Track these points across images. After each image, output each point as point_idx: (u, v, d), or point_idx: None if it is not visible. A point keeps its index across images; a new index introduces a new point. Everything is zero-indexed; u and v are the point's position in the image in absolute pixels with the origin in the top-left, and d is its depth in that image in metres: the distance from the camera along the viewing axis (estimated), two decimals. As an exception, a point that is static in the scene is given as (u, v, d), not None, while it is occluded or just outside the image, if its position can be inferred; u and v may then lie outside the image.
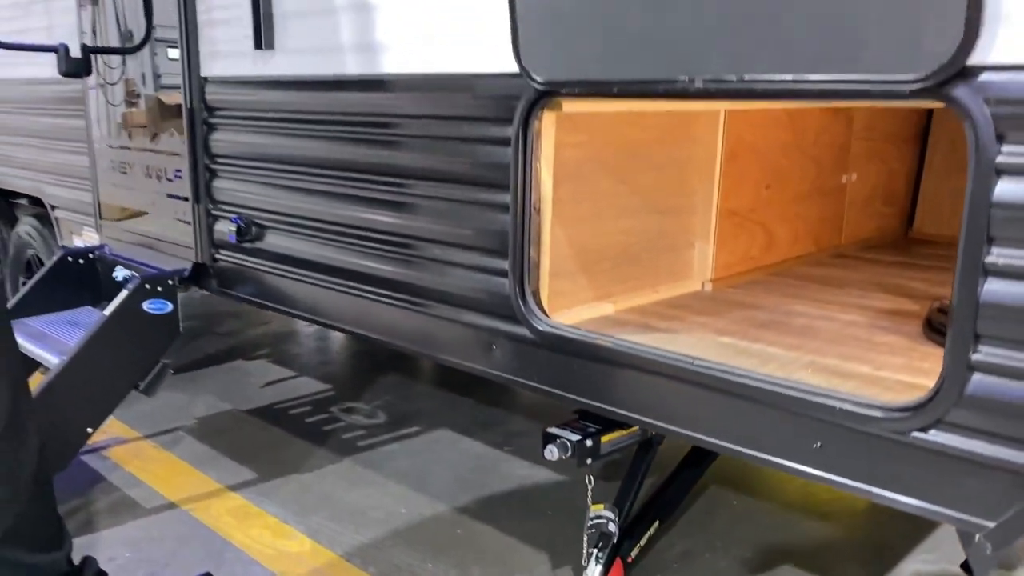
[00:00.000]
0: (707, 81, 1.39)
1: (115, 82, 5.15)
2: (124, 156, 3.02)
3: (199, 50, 2.50)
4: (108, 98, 4.80)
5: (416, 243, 2.00)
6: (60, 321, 2.89)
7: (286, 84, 2.25)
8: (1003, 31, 1.12)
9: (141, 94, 4.38)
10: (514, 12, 1.61)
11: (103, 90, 3.83)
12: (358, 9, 2.00)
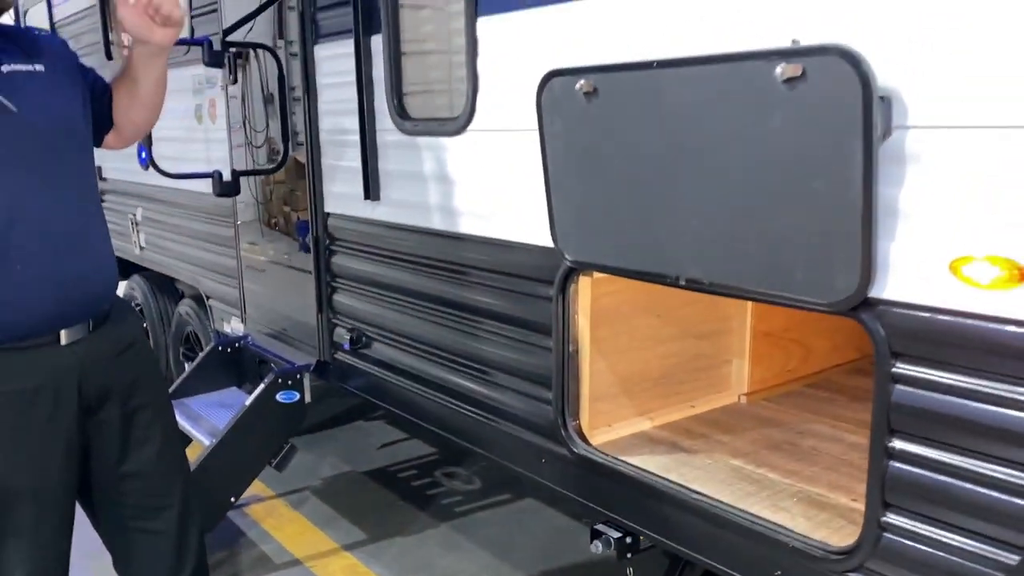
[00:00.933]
0: (688, 280, 1.77)
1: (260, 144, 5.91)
2: (263, 266, 3.64)
3: (324, 191, 3.06)
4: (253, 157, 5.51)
5: (483, 367, 2.45)
6: (211, 403, 3.52)
7: (387, 227, 2.76)
8: (891, 277, 1.46)
9: (279, 150, 5.04)
10: (551, 205, 2.04)
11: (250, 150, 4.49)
12: (440, 180, 2.49)
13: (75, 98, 1.94)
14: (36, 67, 1.86)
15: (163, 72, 2.02)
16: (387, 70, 2.60)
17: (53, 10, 5.75)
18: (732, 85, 1.58)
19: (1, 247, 1.75)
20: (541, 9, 2.05)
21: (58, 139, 1.85)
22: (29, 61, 1.86)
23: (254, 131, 5.74)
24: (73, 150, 1.91)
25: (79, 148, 1.94)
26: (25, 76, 1.83)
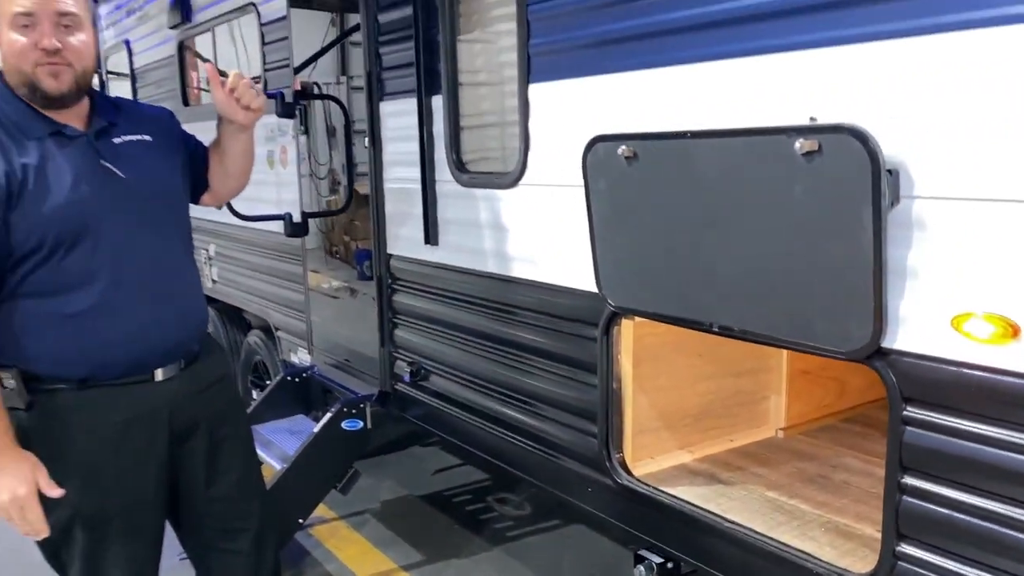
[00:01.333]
0: (721, 327, 1.95)
1: (323, 176, 6.22)
2: (327, 294, 3.90)
3: (387, 235, 3.30)
4: (317, 189, 5.80)
5: (532, 401, 2.65)
6: (280, 429, 3.77)
7: (445, 269, 2.98)
8: (901, 330, 1.62)
9: (341, 183, 5.33)
10: (595, 254, 2.24)
11: (313, 181, 4.77)
12: (494, 228, 2.70)
13: (175, 165, 2.21)
14: (144, 137, 2.14)
15: (248, 145, 2.30)
16: (446, 127, 2.84)
17: (133, 57, 6.16)
18: (757, 155, 1.76)
19: (108, 298, 2.00)
20: (584, 79, 2.26)
21: (159, 201, 2.12)
22: (138, 132, 2.14)
23: (317, 163, 6.04)
24: (171, 211, 2.18)
25: (176, 209, 2.21)
26: (133, 145, 2.11)
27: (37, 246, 1.94)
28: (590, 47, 2.24)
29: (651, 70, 2.08)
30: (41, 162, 1.95)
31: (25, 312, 1.99)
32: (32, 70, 1.93)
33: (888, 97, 1.62)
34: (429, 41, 2.85)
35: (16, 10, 1.89)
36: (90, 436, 2.03)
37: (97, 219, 1.99)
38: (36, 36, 1.91)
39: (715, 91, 1.93)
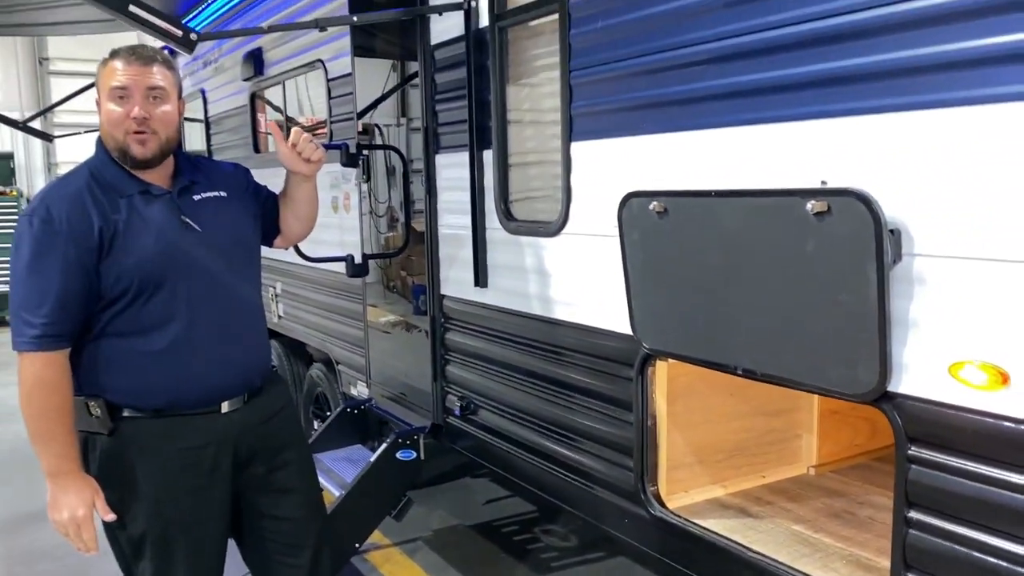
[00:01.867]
0: (744, 370, 2.11)
1: (382, 215, 6.49)
2: (385, 328, 4.13)
3: (440, 277, 3.53)
4: (376, 227, 6.07)
5: (573, 435, 2.82)
6: (339, 458, 4.00)
7: (494, 310, 3.19)
8: (905, 376, 1.77)
9: (399, 220, 5.58)
10: (630, 300, 2.42)
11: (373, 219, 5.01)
12: (539, 272, 2.91)
13: (247, 217, 2.48)
14: (220, 193, 2.41)
15: (312, 193, 2.58)
16: (496, 179, 3.06)
17: (208, 105, 6.57)
18: (774, 214, 1.94)
19: (183, 339, 2.25)
20: (621, 139, 2.46)
21: (231, 252, 2.38)
22: (215, 188, 2.41)
23: (377, 202, 6.33)
24: (241, 260, 2.43)
25: (247, 257, 2.47)
26: (211, 201, 2.38)
27: (123, 292, 2.21)
28: (625, 111, 2.45)
29: (681, 133, 2.27)
30: (129, 217, 2.22)
31: (111, 349, 2.25)
32: (124, 137, 2.21)
33: (892, 164, 1.78)
34: (481, 100, 3.09)
35: (114, 84, 2.20)
36: (162, 460, 2.27)
37: (176, 269, 2.25)
38: (129, 107, 2.20)
39: (738, 154, 2.11)
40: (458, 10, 3.10)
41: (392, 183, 6.28)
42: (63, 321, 2.17)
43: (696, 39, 2.19)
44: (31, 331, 2.15)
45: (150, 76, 2.22)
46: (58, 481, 2.18)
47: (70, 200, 2.21)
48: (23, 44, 11.75)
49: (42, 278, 2.15)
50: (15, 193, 11.63)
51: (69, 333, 2.19)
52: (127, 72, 2.20)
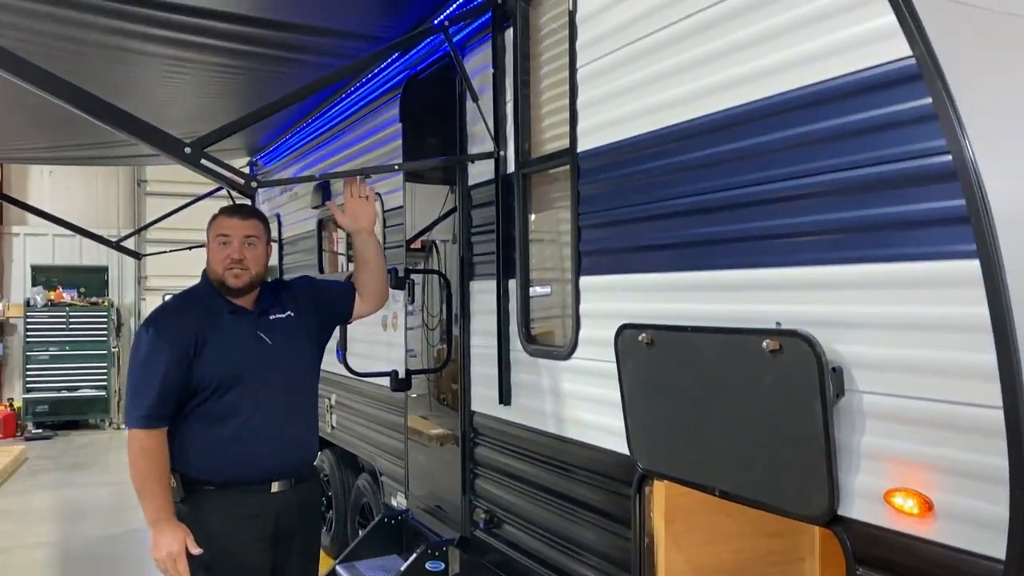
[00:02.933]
0: (721, 491, 2.29)
1: (434, 327, 6.79)
2: (424, 449, 4.38)
3: (471, 393, 3.80)
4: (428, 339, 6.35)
5: (582, 551, 2.99)
6: (375, 567, 4.21)
7: (516, 426, 3.43)
8: (851, 501, 1.94)
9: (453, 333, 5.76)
10: (626, 421, 2.64)
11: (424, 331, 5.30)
12: (554, 393, 3.15)
13: (308, 334, 3.14)
14: (289, 314, 3.10)
15: (378, 248, 3.32)
16: (518, 306, 3.36)
17: (282, 228, 7.14)
18: (738, 349, 2.17)
19: (246, 429, 2.89)
20: (618, 276, 2.75)
21: (292, 362, 3.05)
22: (284, 309, 3.10)
23: (430, 315, 6.67)
24: (303, 369, 3.12)
25: (305, 368, 3.13)
26: (282, 321, 3.07)
27: (206, 386, 2.86)
28: (623, 252, 2.73)
29: (667, 273, 2.54)
30: (218, 330, 2.91)
31: (190, 433, 2.88)
32: (223, 271, 2.94)
33: (837, 309, 2.00)
34: (507, 235, 3.43)
35: (220, 232, 2.96)
36: (221, 523, 2.86)
37: (247, 372, 2.91)
38: (230, 250, 2.93)
39: (711, 292, 2.37)
40: (489, 158, 3.48)
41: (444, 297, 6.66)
42: (162, 407, 2.82)
43: (678, 193, 2.49)
44: (138, 412, 2.81)
45: (246, 228, 2.97)
46: (157, 527, 2.75)
47: (176, 316, 2.95)
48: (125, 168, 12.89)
49: (150, 373, 2.82)
50: (107, 304, 12.52)
51: (166, 416, 2.83)
52: (230, 224, 2.95)
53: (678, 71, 2.46)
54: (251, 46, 3.77)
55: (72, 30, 3.42)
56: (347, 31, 3.86)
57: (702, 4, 2.37)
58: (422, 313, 4.68)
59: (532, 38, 3.35)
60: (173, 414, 2.85)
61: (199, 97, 4.80)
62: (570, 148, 2.96)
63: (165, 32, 3.53)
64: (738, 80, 2.25)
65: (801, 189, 2.09)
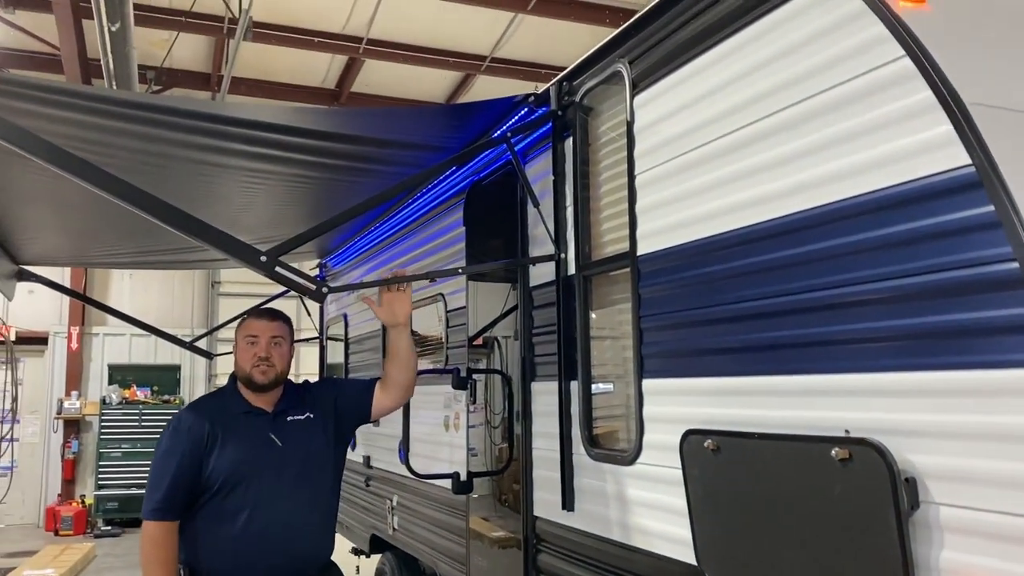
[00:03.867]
0: (793, 606, 2.20)
1: (497, 425, 6.76)
2: (488, 552, 4.32)
3: (533, 497, 3.76)
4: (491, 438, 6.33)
5: (651, 667, 2.87)
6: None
7: (578, 533, 3.37)
8: (931, 620, 1.84)
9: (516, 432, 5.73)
10: (693, 527, 2.57)
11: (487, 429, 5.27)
12: (618, 499, 3.10)
13: (328, 437, 3.27)
14: (307, 415, 3.24)
15: (410, 340, 3.42)
16: (580, 408, 3.35)
17: (348, 327, 7.30)
18: (805, 457, 2.12)
19: (249, 528, 3.00)
20: (683, 379, 2.73)
21: (303, 463, 3.15)
22: (303, 411, 3.25)
23: (493, 413, 6.66)
24: (315, 472, 3.18)
25: (322, 467, 3.23)
26: (298, 423, 3.21)
27: (213, 484, 3.02)
28: (687, 355, 2.73)
29: (732, 377, 2.52)
30: (232, 430, 3.08)
31: (199, 529, 3.03)
32: (250, 369, 3.16)
33: (908, 417, 1.96)
34: (568, 336, 3.45)
35: (249, 333, 3.22)
36: None
37: (253, 472, 3.04)
38: (256, 349, 3.17)
39: (777, 397, 2.33)
40: (550, 261, 3.55)
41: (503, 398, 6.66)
42: (173, 501, 3.00)
43: (741, 297, 2.49)
44: (150, 505, 3.02)
45: (273, 329, 3.23)
46: None
47: (196, 415, 3.14)
48: (200, 271, 13.42)
49: (165, 468, 3.03)
50: (179, 402, 12.83)
51: (176, 510, 3.02)
52: (258, 326, 3.22)
53: (737, 178, 2.50)
54: (324, 158, 3.96)
55: (156, 146, 3.65)
56: (416, 143, 4.03)
57: (759, 114, 2.42)
58: (484, 411, 4.68)
59: (591, 146, 3.45)
60: (184, 508, 3.03)
61: (273, 205, 5.02)
62: (630, 251, 3.00)
63: (243, 146, 3.74)
64: (798, 188, 2.27)
65: (866, 294, 2.07)
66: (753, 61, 2.47)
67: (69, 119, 3.23)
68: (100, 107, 3.27)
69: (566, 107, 3.52)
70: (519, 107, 3.85)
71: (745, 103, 2.49)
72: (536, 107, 3.74)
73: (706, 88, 2.66)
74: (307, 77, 11.72)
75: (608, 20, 9.66)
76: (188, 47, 10.56)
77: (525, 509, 3.81)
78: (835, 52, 2.18)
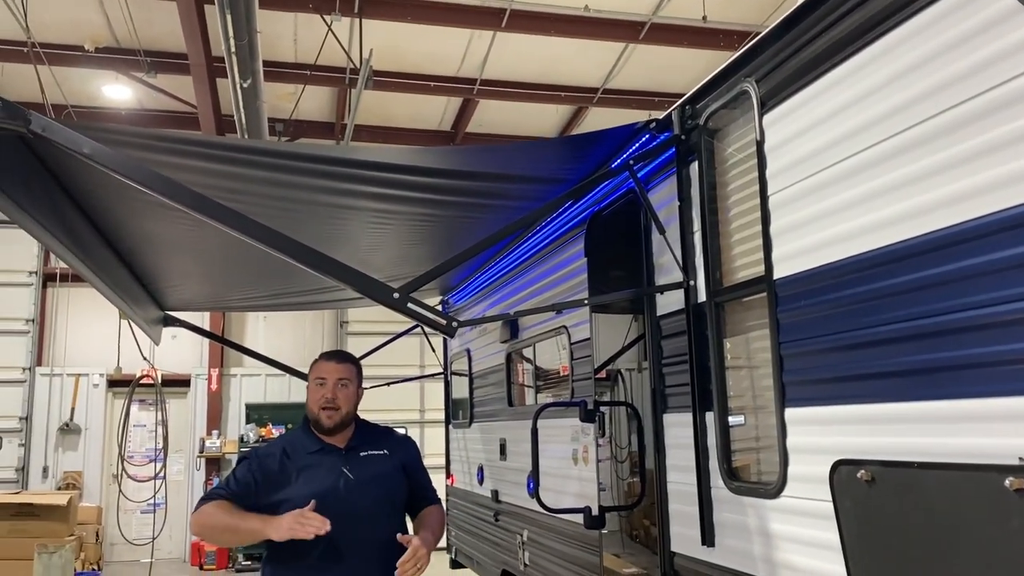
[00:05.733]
0: (969, 652, 2.02)
1: (623, 460, 6.63)
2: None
3: (670, 532, 3.64)
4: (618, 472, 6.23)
5: None
6: None
7: (720, 569, 3.23)
8: None
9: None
10: (848, 564, 2.42)
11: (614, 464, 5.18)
12: (761, 534, 2.96)
13: (398, 474, 3.32)
14: (383, 452, 3.32)
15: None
16: (718, 440, 3.23)
17: (472, 362, 7.36)
18: (974, 487, 1.96)
19: (323, 560, 3.04)
20: (829, 407, 2.59)
21: (375, 497, 3.20)
22: (378, 448, 3.33)
23: (619, 447, 6.54)
24: (383, 504, 3.24)
25: (388, 503, 3.27)
26: (371, 458, 3.28)
27: None
28: (833, 382, 2.59)
29: (884, 404, 2.37)
30: (305, 466, 3.18)
31: (276, 564, 3.15)
32: (319, 411, 3.25)
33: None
34: (701, 365, 3.35)
35: (318, 375, 3.30)
36: None
37: (326, 505, 3.01)
38: (324, 391, 3.25)
39: (936, 424, 2.17)
40: (679, 288, 3.46)
41: (633, 428, 6.53)
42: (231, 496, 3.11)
43: (894, 318, 2.34)
44: (212, 495, 3.14)
45: (340, 371, 3.30)
46: (269, 524, 2.97)
47: (269, 450, 3.29)
48: (330, 312, 13.90)
49: (229, 484, 3.17)
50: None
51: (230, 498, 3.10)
52: (327, 368, 3.30)
53: (883, 192, 2.37)
54: (448, 196, 4.03)
55: (288, 192, 3.80)
56: (536, 176, 4.05)
57: (903, 125, 2.30)
58: (609, 446, 4.60)
59: (717, 169, 3.37)
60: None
61: (398, 245, 5.14)
62: (766, 275, 2.89)
63: (369, 188, 3.85)
64: (952, 199, 2.13)
65: (1034, 309, 1.92)
66: (893, 70, 2.35)
67: (208, 169, 3.42)
68: (236, 156, 3.45)
69: (690, 131, 3.46)
70: (640, 134, 3.81)
71: (886, 114, 2.37)
72: (658, 133, 3.69)
73: (841, 102, 2.55)
74: (424, 121, 12.05)
75: (723, 44, 9.52)
76: (313, 99, 11.07)
77: (662, 545, 3.70)
78: (987, 54, 2.04)
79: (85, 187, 3.55)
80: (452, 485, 7.94)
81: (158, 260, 5.14)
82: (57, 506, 10.24)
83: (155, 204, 3.58)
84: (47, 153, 3.06)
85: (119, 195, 3.59)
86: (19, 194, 2.89)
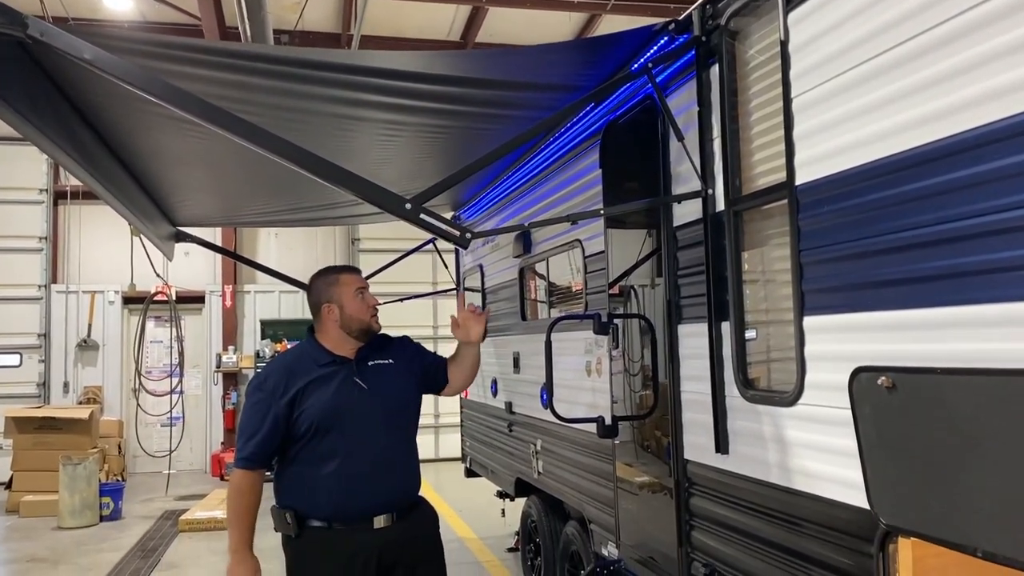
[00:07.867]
0: (984, 552, 2.04)
1: (636, 373, 6.67)
2: (636, 497, 4.27)
3: (683, 441, 3.67)
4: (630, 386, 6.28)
5: (818, 614, 2.76)
6: (588, 617, 4.11)
7: (735, 476, 3.26)
8: None
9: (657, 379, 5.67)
10: (865, 473, 2.43)
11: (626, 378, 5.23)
12: (776, 442, 2.97)
13: (409, 381, 3.45)
14: (388, 360, 3.40)
15: (476, 358, 3.64)
16: (733, 350, 3.22)
17: (484, 277, 7.35)
18: (1000, 392, 1.94)
19: (345, 469, 3.15)
20: (850, 315, 2.55)
21: (388, 403, 3.31)
22: (384, 358, 3.41)
23: (631, 360, 6.55)
24: (399, 413, 3.38)
25: (404, 412, 3.41)
26: (379, 367, 3.36)
27: (306, 431, 3.16)
28: (854, 288, 2.54)
29: (906, 310, 2.33)
30: (319, 379, 3.22)
31: (297, 474, 3.21)
32: (370, 319, 3.36)
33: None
34: (718, 276, 3.31)
35: (358, 286, 3.39)
36: (328, 558, 3.16)
37: (344, 415, 3.18)
38: (368, 299, 3.39)
39: (960, 329, 2.14)
40: (697, 198, 3.40)
41: (646, 342, 6.53)
42: (260, 453, 3.17)
43: (920, 222, 2.28)
44: (240, 454, 3.19)
45: (365, 281, 3.46)
46: (235, 556, 3.13)
47: (280, 369, 3.30)
48: (341, 228, 13.85)
49: (254, 420, 3.18)
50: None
51: (264, 460, 3.21)
52: (358, 279, 3.43)
53: (914, 91, 2.28)
54: (459, 106, 3.92)
55: (296, 102, 3.71)
56: (549, 83, 3.93)
57: (938, 18, 2.19)
58: (622, 359, 4.60)
59: (739, 72, 3.26)
60: (269, 458, 3.22)
61: (409, 158, 5.06)
62: (787, 181, 2.82)
63: (378, 97, 3.75)
64: (988, 95, 2.04)
65: (1070, 211, 1.85)
66: (928, -40, 2.23)
67: (215, 78, 3.32)
68: (242, 64, 3.35)
69: (710, 32, 3.33)
70: (658, 36, 3.68)
71: (917, 9, 2.26)
72: (677, 35, 3.56)
73: (872, -3, 2.43)
74: (433, 30, 11.76)
75: (741, -54, 9.14)
76: (319, 8, 10.78)
77: (675, 453, 3.73)
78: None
79: (91, 99, 3.47)
80: (466, 398, 8.04)
81: (168, 174, 5.08)
82: (79, 419, 10.47)
83: (163, 116, 3.51)
84: (51, 64, 2.98)
85: (126, 106, 3.51)
86: (24, 106, 2.82)
